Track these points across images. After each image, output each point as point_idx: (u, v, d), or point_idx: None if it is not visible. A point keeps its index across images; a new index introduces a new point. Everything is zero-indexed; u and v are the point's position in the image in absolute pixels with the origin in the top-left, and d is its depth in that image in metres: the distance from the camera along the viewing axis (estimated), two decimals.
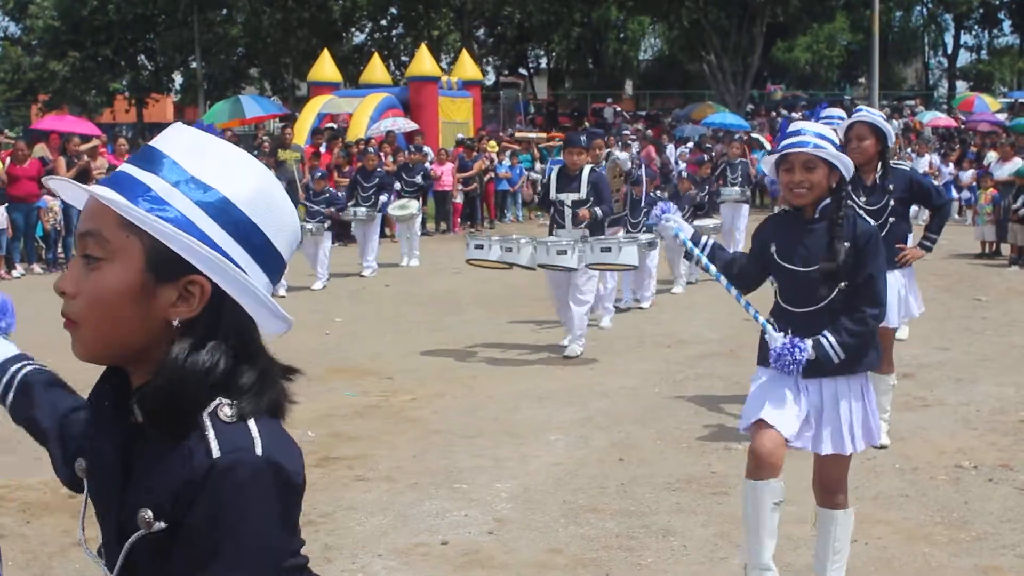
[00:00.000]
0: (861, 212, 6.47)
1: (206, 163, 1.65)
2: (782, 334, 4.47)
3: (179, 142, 1.68)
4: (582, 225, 10.31)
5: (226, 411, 1.62)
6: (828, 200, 4.52)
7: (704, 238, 4.97)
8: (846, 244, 4.43)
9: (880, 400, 6.09)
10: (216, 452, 1.58)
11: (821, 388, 4.53)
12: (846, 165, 4.52)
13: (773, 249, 4.61)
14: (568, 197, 10.34)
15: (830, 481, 4.70)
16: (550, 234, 10.60)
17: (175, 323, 1.64)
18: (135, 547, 1.65)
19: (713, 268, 4.85)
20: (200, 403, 1.62)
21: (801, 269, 4.52)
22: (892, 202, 6.75)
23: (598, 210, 10.27)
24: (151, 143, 1.70)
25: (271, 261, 1.70)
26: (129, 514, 1.65)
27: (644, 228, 12.39)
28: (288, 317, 1.71)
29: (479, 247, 10.59)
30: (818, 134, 4.51)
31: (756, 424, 4.57)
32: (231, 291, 1.64)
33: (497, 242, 10.67)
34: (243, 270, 1.65)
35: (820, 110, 7.69)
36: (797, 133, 4.56)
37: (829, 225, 4.49)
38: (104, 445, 1.73)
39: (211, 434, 1.60)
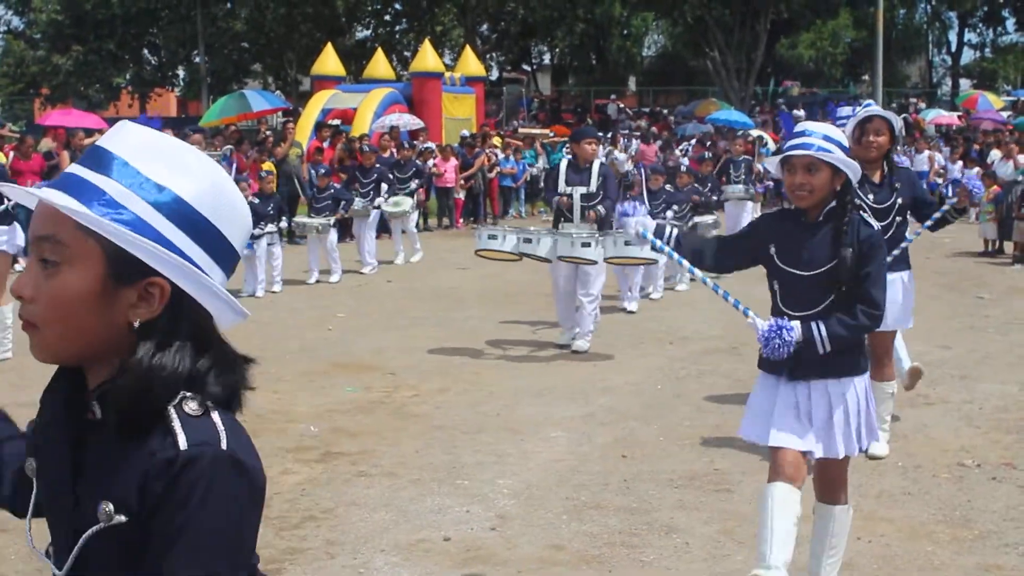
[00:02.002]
0: (867, 212, 6.46)
1: (158, 163, 1.66)
2: (765, 319, 4.45)
3: (129, 142, 1.68)
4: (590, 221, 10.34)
5: (191, 405, 1.65)
6: (833, 203, 4.45)
7: (668, 229, 4.86)
8: (850, 250, 4.37)
9: (879, 409, 5.98)
10: (183, 444, 1.60)
11: (810, 391, 4.47)
12: (853, 169, 4.43)
13: (773, 251, 4.52)
14: (577, 191, 10.34)
15: (829, 478, 4.68)
16: (555, 227, 10.60)
17: (135, 324, 1.67)
18: (89, 542, 1.66)
19: (677, 256, 4.79)
20: (167, 400, 1.64)
21: (803, 273, 4.45)
22: (900, 200, 6.71)
23: (602, 208, 10.28)
24: (100, 143, 1.70)
25: (226, 255, 1.72)
26: (83, 509, 1.66)
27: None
28: (244, 310, 1.74)
29: (492, 238, 10.51)
30: (825, 136, 4.42)
31: (772, 451, 4.57)
32: (191, 290, 1.66)
33: (513, 233, 10.62)
34: (201, 268, 1.67)
35: (835, 110, 7.65)
36: (802, 134, 4.48)
37: (833, 230, 4.42)
38: (56, 442, 1.75)
39: (177, 426, 1.62)
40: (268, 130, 25.79)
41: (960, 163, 26.01)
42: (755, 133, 27.31)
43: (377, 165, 17.20)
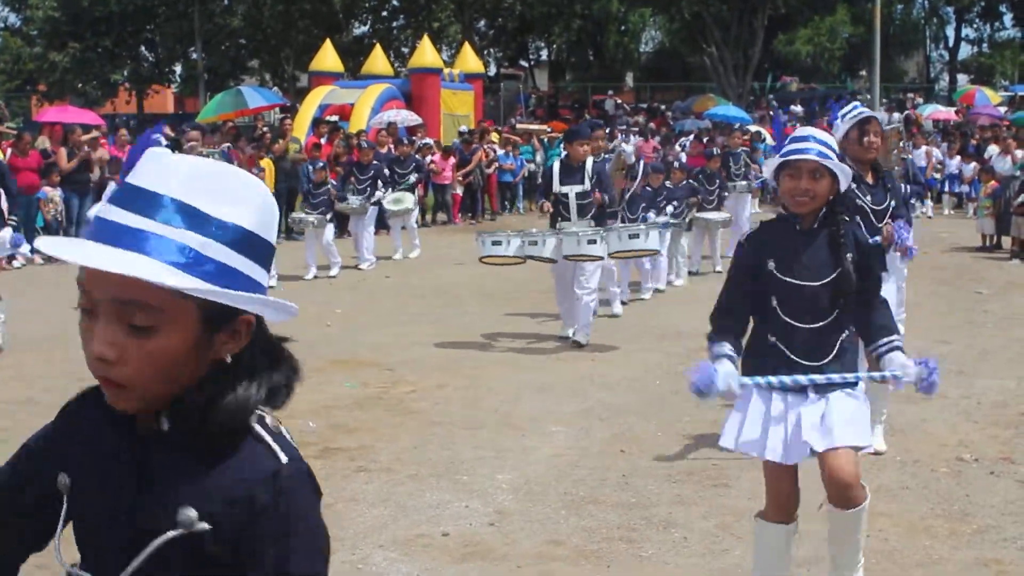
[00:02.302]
0: (868, 214, 6.46)
1: (218, 198, 1.62)
2: (915, 364, 4.29)
3: (182, 180, 1.61)
4: (589, 216, 10.36)
5: (269, 420, 1.73)
6: (824, 210, 4.41)
7: (745, 380, 4.43)
8: (850, 255, 4.34)
9: (875, 404, 5.89)
10: (284, 458, 1.69)
11: (807, 394, 4.42)
12: (847, 176, 4.42)
13: (772, 266, 4.40)
14: (572, 189, 10.39)
15: (840, 482, 4.51)
16: (552, 227, 10.60)
17: (227, 359, 1.68)
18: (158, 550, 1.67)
19: (762, 380, 4.38)
20: (249, 419, 1.70)
21: (808, 283, 4.36)
22: (894, 202, 6.68)
23: (606, 196, 10.35)
24: (150, 188, 1.60)
25: (271, 257, 1.73)
26: (148, 519, 1.67)
27: (642, 220, 12.54)
28: (295, 308, 1.73)
29: (496, 243, 10.51)
30: (823, 142, 4.40)
31: (767, 469, 4.50)
32: (270, 316, 1.70)
33: (517, 236, 10.62)
34: (264, 287, 1.69)
35: (836, 107, 7.59)
36: (804, 139, 4.43)
37: (830, 237, 4.38)
38: (106, 455, 1.73)
39: (271, 440, 1.70)
40: (265, 127, 25.76)
41: (958, 158, 26.03)
42: (753, 128, 27.35)
43: (375, 161, 17.18)
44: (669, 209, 14.02)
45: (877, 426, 6.72)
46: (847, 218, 4.54)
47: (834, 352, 4.40)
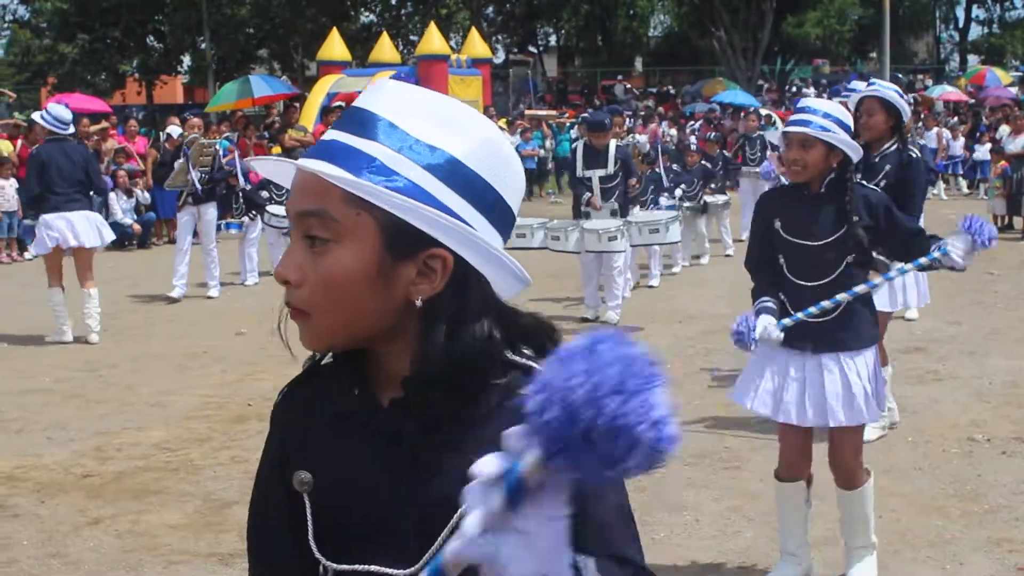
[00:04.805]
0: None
1: (427, 121, 1.49)
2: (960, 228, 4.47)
3: (392, 101, 1.51)
4: (613, 198, 10.51)
5: (524, 351, 1.56)
6: (833, 176, 4.49)
7: (778, 323, 4.50)
8: (856, 218, 4.44)
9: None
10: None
11: (821, 364, 4.51)
12: (852, 148, 4.46)
13: (778, 225, 4.57)
14: (596, 173, 10.53)
15: (843, 466, 4.65)
16: (576, 216, 10.79)
17: (418, 302, 1.49)
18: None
19: (801, 316, 4.44)
20: (487, 374, 1.51)
21: (811, 243, 4.49)
22: (884, 182, 6.11)
23: (635, 181, 10.57)
24: (360, 105, 1.53)
25: (505, 218, 1.55)
26: (432, 499, 1.49)
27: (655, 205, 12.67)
28: (527, 276, 1.60)
29: (521, 236, 10.58)
30: (826, 114, 4.47)
31: (780, 428, 4.71)
32: (473, 259, 1.50)
33: (541, 229, 10.83)
34: (481, 235, 1.49)
35: (846, 83, 7.48)
36: (803, 111, 4.54)
37: (837, 203, 4.48)
38: (358, 439, 1.56)
39: (526, 361, 1.54)
40: (277, 115, 25.77)
41: (963, 140, 25.96)
42: (764, 112, 27.27)
43: None
44: (678, 192, 14.08)
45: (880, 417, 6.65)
46: (860, 183, 4.65)
47: (837, 312, 4.48)
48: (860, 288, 4.45)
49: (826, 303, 4.40)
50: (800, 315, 4.42)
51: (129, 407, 8.19)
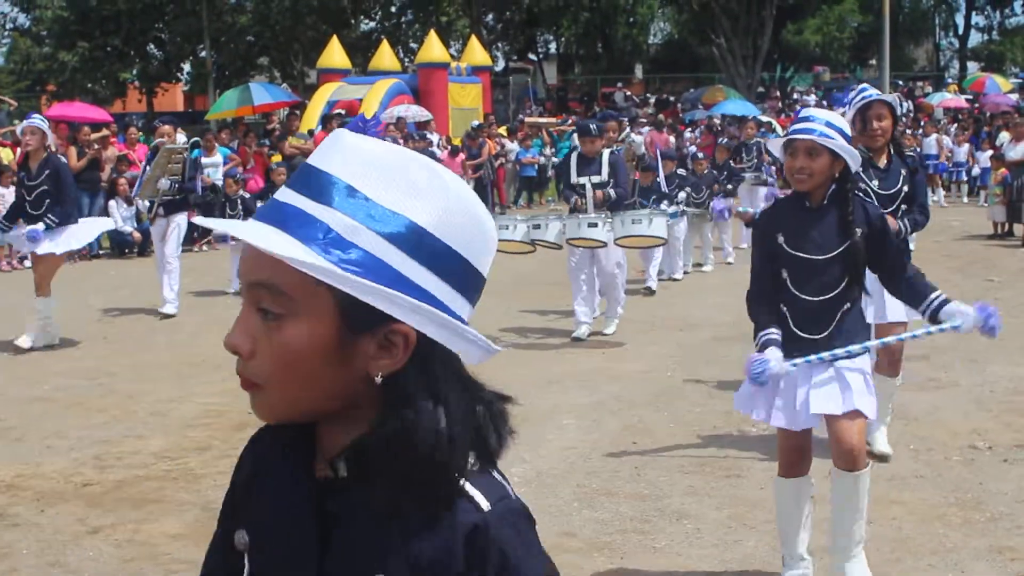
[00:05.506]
0: (871, 197, 6.39)
1: (385, 184, 1.38)
2: (974, 308, 4.67)
3: (350, 160, 1.39)
4: (605, 205, 10.49)
5: (470, 459, 1.47)
6: (834, 187, 4.51)
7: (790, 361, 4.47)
8: (859, 231, 4.45)
9: (882, 404, 5.89)
10: (486, 505, 1.44)
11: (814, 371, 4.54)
12: (852, 156, 4.47)
13: (781, 239, 4.54)
14: (589, 180, 10.51)
15: (845, 445, 4.60)
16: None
17: (377, 379, 1.41)
18: None
19: (811, 357, 4.47)
20: (463, 468, 1.45)
21: (816, 257, 4.49)
22: (906, 188, 6.47)
23: (612, 191, 10.37)
24: (315, 164, 1.42)
25: (470, 283, 1.45)
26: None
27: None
28: (494, 347, 1.48)
29: (504, 228, 10.55)
30: (828, 122, 4.48)
31: (779, 432, 4.69)
32: (439, 337, 1.40)
33: (523, 221, 10.78)
34: (444, 304, 1.40)
35: (841, 96, 7.52)
36: (806, 119, 4.55)
37: (839, 215, 4.49)
38: (286, 511, 1.50)
39: (469, 487, 1.44)
40: (278, 123, 25.80)
41: (967, 146, 25.95)
42: (764, 119, 27.27)
43: None
44: (681, 195, 14.09)
45: (882, 426, 6.66)
46: (858, 193, 4.65)
47: (832, 325, 4.52)
48: (856, 348, 4.51)
49: (825, 354, 4.44)
50: (813, 358, 4.45)
51: (129, 415, 8.18)
